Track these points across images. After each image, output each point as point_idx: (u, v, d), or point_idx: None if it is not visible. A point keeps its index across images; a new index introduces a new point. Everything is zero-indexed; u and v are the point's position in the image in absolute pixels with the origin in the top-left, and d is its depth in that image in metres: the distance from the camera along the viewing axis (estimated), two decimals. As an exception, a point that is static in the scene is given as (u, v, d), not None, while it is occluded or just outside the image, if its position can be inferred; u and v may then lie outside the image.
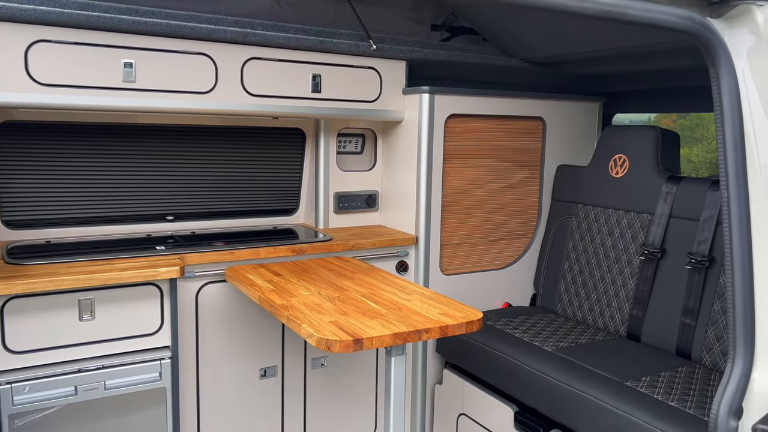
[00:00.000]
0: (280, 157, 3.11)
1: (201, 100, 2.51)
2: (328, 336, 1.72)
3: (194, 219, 2.95)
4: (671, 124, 6.72)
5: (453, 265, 3.09)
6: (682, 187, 2.64)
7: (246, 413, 2.61)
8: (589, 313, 2.94)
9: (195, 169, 2.91)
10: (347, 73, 2.84)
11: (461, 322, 1.90)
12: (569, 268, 3.08)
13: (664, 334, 2.60)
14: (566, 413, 2.28)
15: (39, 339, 2.11)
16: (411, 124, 2.97)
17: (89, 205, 2.72)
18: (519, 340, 2.68)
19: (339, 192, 3.15)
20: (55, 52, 2.23)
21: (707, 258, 2.46)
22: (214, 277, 2.48)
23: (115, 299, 2.22)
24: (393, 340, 1.78)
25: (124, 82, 2.36)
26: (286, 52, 2.67)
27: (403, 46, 2.90)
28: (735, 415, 1.37)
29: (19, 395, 2.05)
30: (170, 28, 2.38)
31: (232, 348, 2.55)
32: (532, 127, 3.23)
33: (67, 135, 2.62)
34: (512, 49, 3.08)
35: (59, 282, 2.06)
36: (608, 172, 2.97)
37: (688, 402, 2.10)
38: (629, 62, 2.91)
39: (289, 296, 2.10)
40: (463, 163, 3.05)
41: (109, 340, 2.23)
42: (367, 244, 2.82)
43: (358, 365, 2.87)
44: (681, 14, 1.28)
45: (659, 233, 2.67)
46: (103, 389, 2.19)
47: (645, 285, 2.69)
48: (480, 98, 3.01)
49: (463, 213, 3.09)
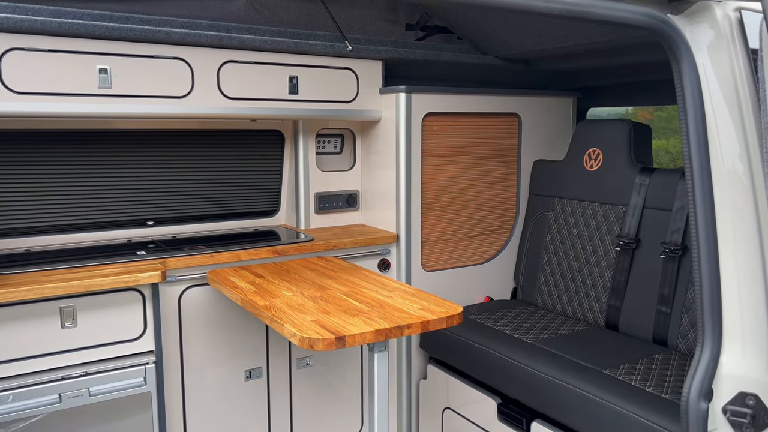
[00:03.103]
0: (259, 159, 3.12)
1: (178, 105, 2.52)
2: (311, 335, 1.74)
3: (175, 223, 2.95)
4: (648, 116, 6.83)
5: (434, 261, 3.13)
6: (655, 178, 2.70)
7: (232, 415, 2.62)
8: (568, 305, 2.99)
9: (174, 174, 2.91)
10: (324, 74, 2.86)
11: (442, 317, 1.93)
12: (548, 260, 3.13)
13: (640, 322, 2.66)
14: (548, 403, 2.33)
15: (21, 348, 2.10)
16: (389, 124, 3.00)
17: (68, 213, 2.70)
18: (500, 333, 2.73)
19: (319, 192, 3.17)
20: (29, 59, 2.23)
21: (680, 247, 2.52)
22: (196, 281, 2.49)
23: (96, 306, 2.22)
24: (375, 336, 1.81)
25: (99, 88, 2.36)
26: (263, 55, 2.69)
27: (378, 47, 2.93)
28: (705, 398, 1.42)
29: (3, 405, 2.04)
30: (144, 33, 2.38)
31: (216, 350, 2.56)
32: (508, 123, 3.27)
33: (44, 143, 2.61)
34: (486, 46, 3.13)
35: (39, 290, 2.06)
36: (583, 165, 3.03)
37: (664, 388, 2.16)
38: (600, 57, 2.97)
39: (272, 297, 2.12)
40: (441, 161, 3.08)
41: (92, 347, 2.23)
42: (349, 243, 2.84)
43: (343, 364, 2.90)
44: (643, 12, 1.32)
45: (634, 224, 2.73)
46: (88, 396, 2.19)
47: (621, 275, 2.75)
48: (456, 96, 3.05)
49: (443, 210, 3.13)
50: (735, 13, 1.39)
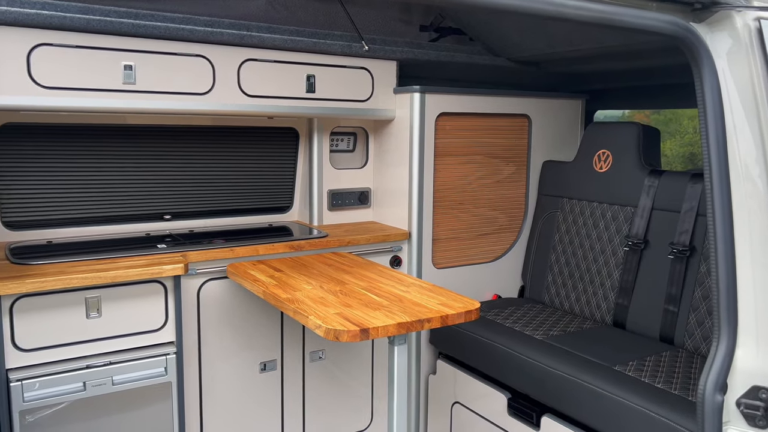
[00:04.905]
0: (274, 156, 3.17)
1: (200, 101, 2.57)
2: (336, 327, 1.79)
3: (191, 218, 3.00)
4: (645, 119, 6.89)
5: (444, 258, 3.19)
6: (664, 180, 2.77)
7: (247, 406, 2.67)
8: (576, 303, 3.05)
9: (192, 169, 2.96)
10: (340, 74, 2.91)
11: (460, 312, 1.99)
12: (556, 260, 3.19)
13: (648, 321, 2.72)
14: (558, 398, 2.39)
15: (47, 337, 2.15)
16: (402, 123, 3.06)
17: (88, 206, 2.75)
18: (510, 330, 2.79)
19: (332, 189, 3.23)
20: (57, 55, 2.27)
21: (688, 248, 2.59)
22: (214, 274, 2.54)
23: (120, 297, 2.27)
24: (397, 329, 1.87)
25: (124, 84, 2.41)
26: (281, 54, 2.74)
27: (394, 47, 2.98)
28: (720, 391, 1.48)
29: (30, 392, 2.09)
30: (168, 30, 2.43)
31: (232, 343, 2.61)
32: (518, 124, 3.33)
33: (67, 136, 2.65)
34: (498, 48, 3.18)
35: (68, 280, 2.11)
36: (593, 167, 3.09)
37: (673, 384, 2.22)
38: (610, 61, 3.03)
39: (293, 290, 2.17)
40: (453, 160, 3.14)
41: (116, 337, 2.28)
42: (363, 240, 2.90)
43: (353, 359, 2.95)
44: (667, 20, 1.38)
45: (642, 225, 2.79)
46: (111, 384, 2.24)
47: (629, 275, 2.81)
48: (468, 97, 3.11)
49: (454, 208, 3.19)
50: (754, 23, 1.45)
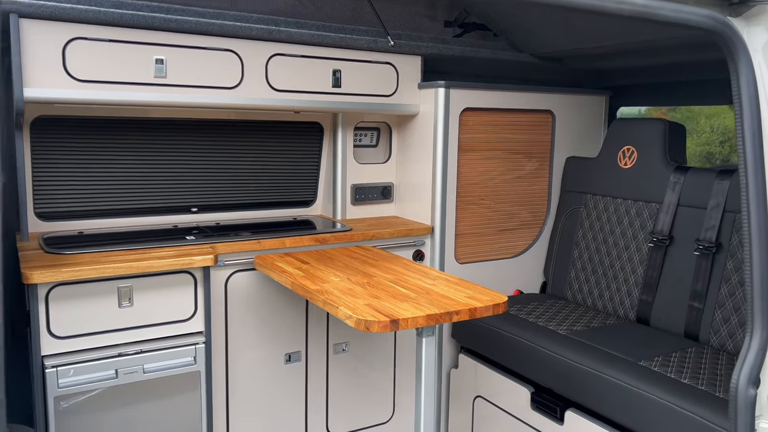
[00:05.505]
0: (299, 150, 3.20)
1: (228, 95, 2.60)
2: (367, 317, 1.82)
3: (217, 211, 3.04)
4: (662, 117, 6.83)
5: (466, 254, 3.20)
6: (690, 177, 2.76)
7: (272, 396, 2.71)
8: (599, 299, 3.05)
9: (218, 163, 3.00)
10: (366, 69, 2.93)
11: (488, 305, 2.00)
12: (579, 256, 3.19)
13: (672, 317, 2.72)
14: (583, 392, 2.40)
15: (81, 325, 2.20)
16: (426, 118, 3.07)
17: (118, 198, 2.80)
18: (533, 325, 2.80)
19: (356, 184, 3.25)
20: (91, 49, 2.31)
21: (714, 244, 2.58)
22: (242, 266, 2.58)
23: (151, 287, 2.31)
24: (426, 321, 1.89)
25: (155, 77, 2.44)
26: (308, 48, 2.76)
27: (419, 42, 3.00)
28: (753, 385, 1.48)
29: (64, 378, 2.14)
30: (199, 25, 2.46)
31: (258, 333, 2.64)
32: (542, 120, 3.33)
33: (97, 129, 2.70)
34: (522, 44, 3.19)
35: (102, 270, 2.15)
36: (617, 163, 3.09)
37: (699, 379, 2.22)
38: (634, 57, 3.02)
39: (321, 282, 2.20)
40: (476, 156, 3.15)
41: (147, 326, 2.32)
42: (386, 234, 2.92)
43: (376, 352, 2.98)
44: (705, 14, 1.38)
45: (667, 221, 2.78)
46: (142, 372, 2.28)
47: (654, 271, 2.81)
48: (492, 92, 3.12)
49: (477, 203, 3.20)
50: (792, 17, 1.45)
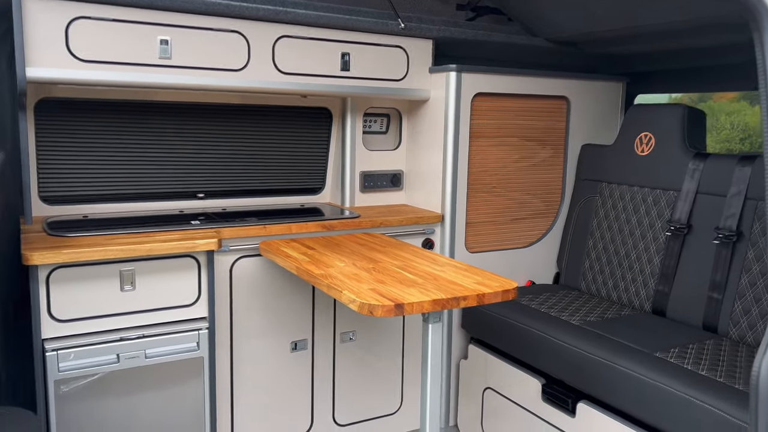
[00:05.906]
0: (307, 136, 3.15)
1: (234, 77, 2.55)
2: (370, 301, 1.76)
3: (224, 197, 3.00)
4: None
5: (477, 242, 3.13)
6: (709, 163, 2.66)
7: (278, 385, 2.66)
8: (613, 290, 2.97)
9: (225, 148, 2.96)
10: (375, 52, 2.87)
11: (497, 291, 1.94)
12: (593, 245, 3.11)
13: (690, 308, 2.63)
14: (596, 384, 2.32)
15: (83, 308, 2.17)
16: (437, 103, 3.00)
17: (123, 182, 2.77)
18: (545, 315, 2.72)
19: (365, 171, 3.19)
20: (94, 28, 2.27)
21: (735, 232, 2.49)
22: (247, 252, 2.53)
23: (154, 271, 2.27)
24: (432, 306, 1.82)
25: (160, 58, 2.40)
26: (316, 30, 2.71)
27: (430, 25, 2.92)
28: (775, 374, 1.40)
29: (65, 362, 2.11)
30: (205, 5, 2.41)
31: (264, 321, 2.60)
32: (556, 106, 3.25)
33: (102, 113, 2.67)
34: (537, 28, 3.10)
35: (103, 252, 2.12)
36: (634, 150, 3.00)
37: (717, 371, 2.14)
38: (653, 41, 2.92)
39: (326, 267, 2.14)
40: (488, 142, 3.07)
41: (149, 311, 2.28)
42: (395, 221, 2.86)
43: (384, 341, 2.92)
44: (728, -21, 1.30)
45: (686, 209, 2.69)
46: (144, 358, 2.24)
47: (671, 261, 2.72)
48: (506, 77, 3.04)
49: (488, 192, 3.12)
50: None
